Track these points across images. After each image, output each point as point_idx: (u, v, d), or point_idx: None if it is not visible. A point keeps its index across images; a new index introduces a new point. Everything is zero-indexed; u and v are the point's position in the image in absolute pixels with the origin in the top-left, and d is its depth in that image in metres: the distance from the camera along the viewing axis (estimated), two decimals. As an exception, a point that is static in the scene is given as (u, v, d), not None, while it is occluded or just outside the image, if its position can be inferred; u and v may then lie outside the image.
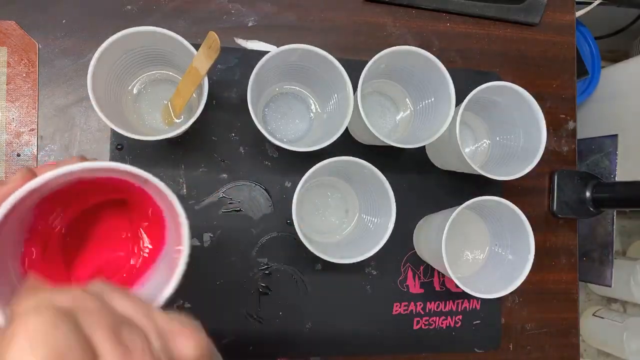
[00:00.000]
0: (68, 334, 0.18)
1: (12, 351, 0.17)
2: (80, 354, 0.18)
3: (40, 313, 0.18)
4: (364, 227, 0.49)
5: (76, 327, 0.18)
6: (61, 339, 0.17)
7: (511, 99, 0.48)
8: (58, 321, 0.18)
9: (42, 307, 0.18)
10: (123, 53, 0.42)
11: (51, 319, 0.18)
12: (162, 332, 0.21)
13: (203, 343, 0.21)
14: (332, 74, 0.44)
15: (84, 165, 0.25)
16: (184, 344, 0.20)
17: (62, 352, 0.17)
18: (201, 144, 0.49)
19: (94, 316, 0.19)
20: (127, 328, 0.20)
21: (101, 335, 0.19)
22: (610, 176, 0.80)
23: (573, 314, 0.57)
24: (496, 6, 0.56)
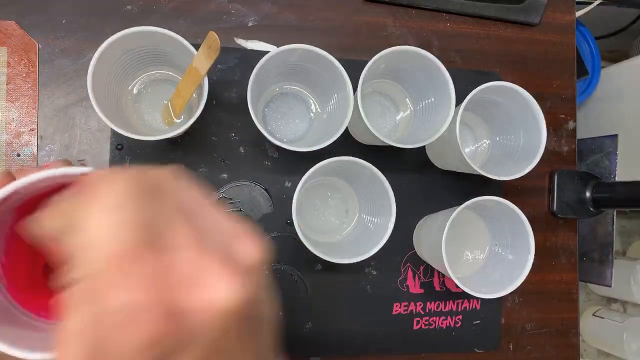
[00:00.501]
0: (146, 209, 0.18)
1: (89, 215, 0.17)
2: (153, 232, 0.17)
3: (124, 184, 0.18)
4: (364, 227, 0.49)
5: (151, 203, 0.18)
6: (138, 212, 0.17)
7: (511, 99, 0.48)
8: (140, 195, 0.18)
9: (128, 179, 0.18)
10: (123, 53, 0.42)
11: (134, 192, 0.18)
12: (229, 233, 0.20)
13: (263, 249, 0.20)
14: (332, 74, 0.44)
15: (64, 171, 0.25)
16: (248, 246, 0.20)
17: (137, 225, 0.17)
18: (201, 144, 0.49)
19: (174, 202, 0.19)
20: (198, 220, 0.19)
21: (176, 221, 0.18)
22: (610, 176, 0.80)
23: (573, 314, 0.57)
24: (496, 6, 0.56)
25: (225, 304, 0.17)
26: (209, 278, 0.17)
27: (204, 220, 0.20)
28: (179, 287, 0.17)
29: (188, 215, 0.19)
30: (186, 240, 0.18)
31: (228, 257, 0.18)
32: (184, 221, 0.19)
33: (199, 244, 0.18)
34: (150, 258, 0.17)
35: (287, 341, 0.52)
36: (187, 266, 0.17)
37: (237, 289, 0.17)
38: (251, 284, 0.18)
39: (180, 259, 0.17)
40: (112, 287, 0.16)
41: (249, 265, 0.19)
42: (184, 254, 0.17)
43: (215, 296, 0.17)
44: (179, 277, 0.17)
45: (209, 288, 0.17)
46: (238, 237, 0.20)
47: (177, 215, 0.19)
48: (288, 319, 0.50)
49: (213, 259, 0.18)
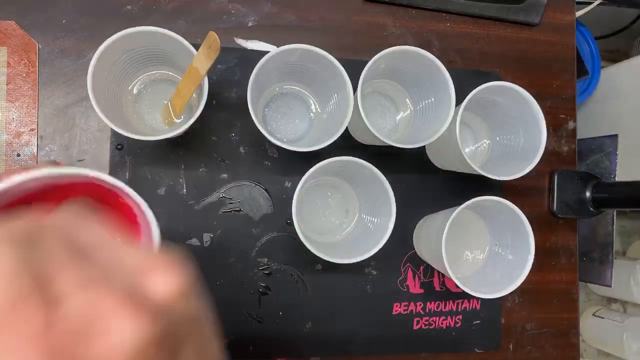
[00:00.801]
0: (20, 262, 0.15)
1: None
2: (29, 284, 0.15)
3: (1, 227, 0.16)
4: (364, 227, 0.49)
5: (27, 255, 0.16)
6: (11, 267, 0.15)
7: (511, 99, 0.48)
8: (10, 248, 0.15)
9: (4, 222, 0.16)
10: (123, 53, 0.42)
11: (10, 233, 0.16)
12: (134, 267, 0.18)
13: (182, 279, 0.18)
14: (332, 74, 0.44)
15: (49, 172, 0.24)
16: (157, 280, 0.17)
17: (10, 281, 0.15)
18: (201, 144, 0.49)
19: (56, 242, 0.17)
20: (92, 260, 0.17)
21: (60, 263, 0.16)
22: (610, 176, 0.80)
23: (573, 314, 0.57)
24: (496, 6, 0.56)
25: (131, 347, 0.15)
26: (109, 322, 0.15)
27: (103, 260, 0.18)
28: (75, 340, 0.15)
29: (81, 256, 0.17)
30: (75, 285, 0.16)
31: (130, 295, 0.16)
32: (73, 264, 0.16)
33: (93, 287, 0.16)
34: (35, 311, 0.15)
35: (287, 341, 0.52)
36: (80, 314, 0.15)
37: (144, 327, 0.15)
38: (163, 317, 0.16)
39: (71, 306, 0.15)
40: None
41: (162, 298, 0.17)
42: (75, 301, 0.15)
43: (118, 341, 0.15)
44: (73, 328, 0.15)
45: (110, 334, 0.15)
46: (148, 271, 0.18)
47: (64, 259, 0.16)
48: (288, 319, 0.50)
49: (111, 300, 0.16)
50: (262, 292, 0.50)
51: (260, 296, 0.50)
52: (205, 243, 0.48)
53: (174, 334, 0.17)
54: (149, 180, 0.47)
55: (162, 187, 0.48)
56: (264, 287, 0.50)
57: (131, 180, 0.47)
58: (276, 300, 0.50)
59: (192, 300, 0.19)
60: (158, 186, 0.48)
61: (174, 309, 0.17)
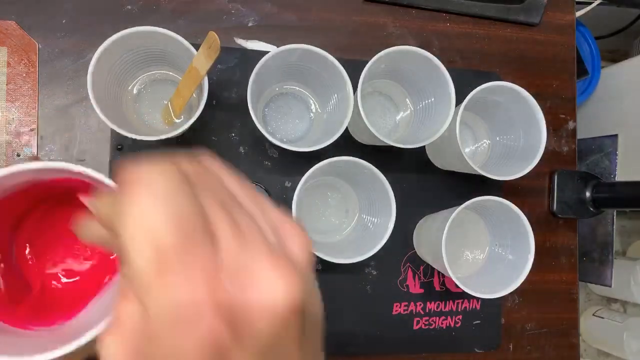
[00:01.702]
0: (191, 200, 0.16)
1: (135, 207, 0.16)
2: (201, 224, 0.16)
3: (166, 175, 0.17)
4: (364, 227, 0.49)
5: (195, 195, 0.17)
6: (185, 204, 0.16)
7: (511, 99, 0.48)
8: (183, 186, 0.17)
9: (168, 170, 0.17)
10: (123, 53, 0.42)
11: (173, 180, 0.17)
12: (274, 225, 0.19)
13: (311, 248, 0.19)
14: (332, 74, 0.44)
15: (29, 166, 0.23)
16: (296, 243, 0.18)
17: (185, 217, 0.16)
18: (201, 144, 0.49)
19: (212, 188, 0.18)
20: (244, 214, 0.18)
21: (219, 212, 0.17)
22: (610, 176, 0.80)
23: (573, 314, 0.57)
24: (496, 6, 0.56)
25: (282, 304, 0.16)
26: (263, 275, 0.16)
27: (252, 209, 0.18)
28: (232, 284, 0.16)
29: (236, 203, 0.18)
30: (234, 232, 0.17)
31: (280, 253, 0.17)
32: (231, 209, 0.17)
33: (248, 236, 0.17)
34: (199, 253, 0.16)
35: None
36: (238, 261, 0.16)
37: (294, 288, 0.16)
38: (305, 281, 0.17)
39: (231, 253, 0.16)
40: (161, 286, 0.15)
41: (300, 261, 0.18)
42: (234, 248, 0.16)
43: (272, 296, 0.16)
44: (231, 273, 0.16)
45: (265, 286, 0.16)
46: (287, 230, 0.19)
47: (225, 203, 0.17)
48: (288, 319, 0.50)
49: (265, 254, 0.17)
50: (262, 292, 0.49)
51: (260, 296, 0.49)
52: (205, 243, 0.48)
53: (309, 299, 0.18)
54: (149, 180, 0.47)
55: (162, 187, 0.47)
56: (264, 287, 0.50)
57: (131, 180, 0.47)
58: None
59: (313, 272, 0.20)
60: (158, 186, 0.47)
61: (309, 273, 0.18)
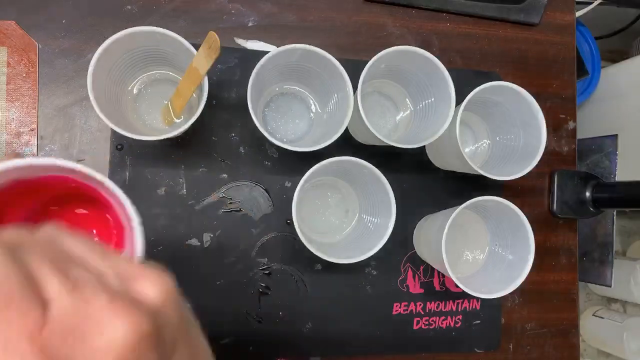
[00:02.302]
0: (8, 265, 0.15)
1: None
2: (22, 286, 0.15)
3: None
4: (364, 227, 0.49)
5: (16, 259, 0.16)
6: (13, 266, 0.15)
7: (511, 99, 0.48)
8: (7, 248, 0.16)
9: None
10: (123, 53, 0.42)
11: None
12: (123, 274, 0.18)
13: (167, 287, 0.19)
14: (332, 74, 0.44)
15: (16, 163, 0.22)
16: (146, 286, 0.18)
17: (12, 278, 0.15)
18: (201, 144, 0.49)
19: (41, 251, 0.17)
20: (78, 267, 0.17)
21: (48, 269, 0.16)
22: (610, 176, 0.80)
23: (573, 314, 0.57)
24: (496, 6, 0.56)
25: (122, 341, 0.16)
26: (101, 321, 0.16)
27: (92, 266, 0.18)
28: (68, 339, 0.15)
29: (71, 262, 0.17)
30: (66, 288, 0.16)
31: (121, 296, 0.17)
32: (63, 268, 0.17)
33: (83, 289, 0.16)
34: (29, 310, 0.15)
35: (287, 341, 0.52)
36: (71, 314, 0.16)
37: (137, 324, 0.16)
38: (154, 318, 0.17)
39: (62, 307, 0.16)
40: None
41: (152, 301, 0.18)
42: (66, 302, 0.16)
43: (111, 338, 0.15)
44: (65, 328, 0.15)
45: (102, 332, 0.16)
46: (136, 277, 0.18)
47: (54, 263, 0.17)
48: (288, 319, 0.50)
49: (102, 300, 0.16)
50: (262, 292, 0.50)
51: (260, 296, 0.50)
52: (205, 243, 0.48)
53: (165, 336, 0.18)
54: (149, 181, 0.47)
55: (162, 187, 0.48)
56: (264, 287, 0.50)
57: (131, 181, 0.47)
58: (276, 300, 0.50)
59: (179, 306, 0.20)
60: (158, 186, 0.48)
61: (161, 312, 0.18)
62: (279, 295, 0.50)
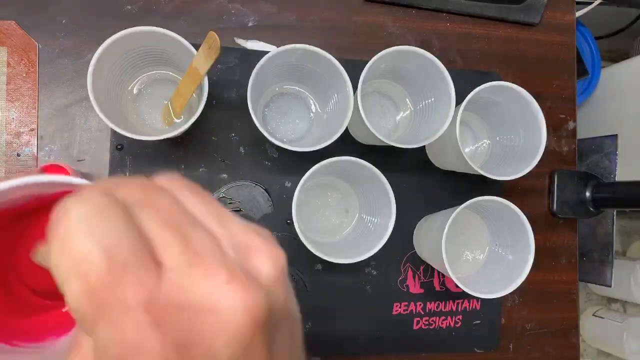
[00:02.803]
0: (124, 224, 0.15)
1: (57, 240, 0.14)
2: (138, 247, 0.15)
3: (86, 201, 0.15)
4: (364, 227, 0.49)
5: (131, 220, 0.15)
6: (115, 228, 0.14)
7: (511, 99, 0.48)
8: (113, 210, 0.15)
9: (95, 195, 0.15)
10: (123, 53, 0.42)
11: (98, 206, 0.15)
12: (239, 243, 0.17)
13: (282, 262, 0.18)
14: (332, 74, 0.44)
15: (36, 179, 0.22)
16: (262, 260, 0.17)
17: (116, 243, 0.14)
18: (201, 144, 0.49)
19: (160, 212, 0.16)
20: (198, 231, 0.16)
21: (168, 234, 0.15)
22: (610, 176, 0.80)
23: (573, 314, 0.57)
24: (496, 6, 0.56)
25: (239, 320, 0.15)
26: (218, 298, 0.15)
27: (211, 229, 0.17)
28: (182, 313, 0.14)
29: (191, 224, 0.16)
30: (186, 257, 0.15)
31: (237, 267, 0.16)
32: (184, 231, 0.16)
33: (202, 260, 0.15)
34: (135, 280, 0.14)
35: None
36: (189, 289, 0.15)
37: (253, 302, 0.15)
38: (269, 298, 0.16)
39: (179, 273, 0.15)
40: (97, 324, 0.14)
41: (265, 274, 0.17)
42: (183, 267, 0.15)
43: (227, 311, 0.15)
44: (180, 301, 0.15)
45: (219, 310, 0.15)
46: (253, 248, 0.17)
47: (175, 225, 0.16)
48: (288, 319, 0.50)
49: (220, 276, 0.15)
50: (262, 292, 0.50)
51: (260, 296, 0.49)
52: (205, 243, 0.48)
53: (276, 313, 0.17)
54: (149, 180, 0.47)
55: (162, 187, 0.48)
56: (264, 287, 0.50)
57: (131, 180, 0.47)
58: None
59: (288, 284, 0.19)
60: (158, 186, 0.47)
61: (275, 291, 0.17)
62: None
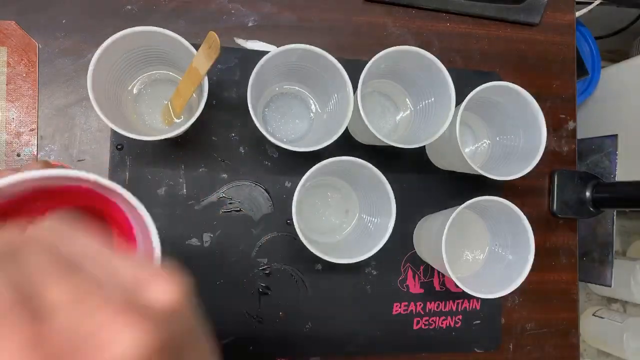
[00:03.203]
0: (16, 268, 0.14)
1: None
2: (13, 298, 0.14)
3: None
4: (364, 227, 0.49)
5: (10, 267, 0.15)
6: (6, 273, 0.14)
7: (511, 99, 0.48)
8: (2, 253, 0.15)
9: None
10: (123, 53, 0.42)
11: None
12: (130, 278, 0.17)
13: (180, 288, 0.17)
14: (332, 74, 0.44)
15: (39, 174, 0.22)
16: (153, 292, 0.16)
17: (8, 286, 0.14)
18: (201, 144, 0.49)
19: (41, 252, 0.16)
20: (83, 269, 0.16)
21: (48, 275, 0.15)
22: (610, 176, 0.80)
23: (573, 314, 0.57)
24: (496, 6, 0.56)
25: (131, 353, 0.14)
26: (107, 334, 0.14)
27: (96, 271, 0.16)
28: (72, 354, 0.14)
29: (71, 268, 0.16)
30: (67, 298, 0.15)
31: (128, 304, 0.15)
32: (63, 276, 0.15)
33: (86, 299, 0.15)
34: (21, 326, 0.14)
35: (287, 341, 0.52)
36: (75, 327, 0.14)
37: (146, 336, 0.14)
38: (164, 328, 0.15)
39: (64, 320, 0.14)
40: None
41: (161, 307, 0.16)
42: (68, 314, 0.14)
43: (119, 352, 0.14)
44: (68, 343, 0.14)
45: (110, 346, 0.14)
46: (144, 281, 0.17)
47: (53, 271, 0.15)
48: (288, 319, 0.50)
49: (108, 311, 0.15)
50: (262, 292, 0.50)
51: (260, 296, 0.50)
52: (205, 243, 0.48)
53: (176, 344, 0.16)
54: (149, 181, 0.47)
55: (162, 187, 0.48)
56: (264, 287, 0.50)
57: (131, 181, 0.47)
58: (276, 300, 0.50)
59: (190, 310, 0.18)
60: (158, 186, 0.48)
61: (174, 319, 0.17)
62: (279, 295, 0.50)
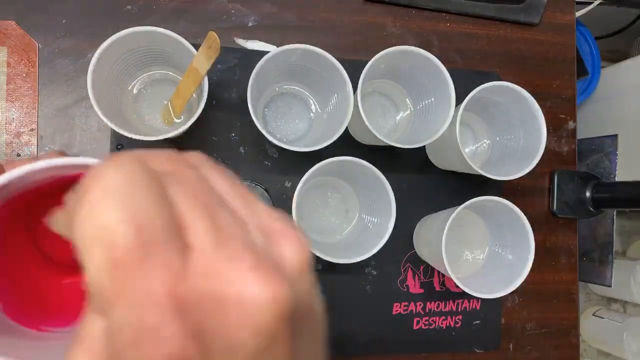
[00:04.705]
0: (156, 197, 0.14)
1: (85, 206, 0.14)
2: (167, 223, 0.14)
3: (121, 168, 0.14)
4: (364, 227, 0.49)
5: (164, 193, 0.15)
6: (146, 201, 0.14)
7: (511, 99, 0.48)
8: (146, 181, 0.14)
9: (128, 164, 0.14)
10: (123, 53, 0.42)
11: (133, 176, 0.14)
12: (264, 228, 0.16)
13: (306, 252, 0.17)
14: (332, 74, 0.44)
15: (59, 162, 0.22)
16: (286, 247, 0.16)
17: (145, 216, 0.13)
18: (201, 144, 0.49)
19: (189, 187, 0.15)
20: (224, 211, 0.16)
21: (195, 211, 0.15)
22: (610, 176, 0.80)
23: (573, 314, 0.57)
24: (496, 6, 0.56)
25: (263, 311, 0.14)
26: (243, 287, 0.14)
27: (238, 211, 0.16)
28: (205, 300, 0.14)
29: (218, 204, 0.16)
30: (211, 237, 0.14)
31: (263, 255, 0.15)
32: (211, 212, 0.15)
33: (228, 243, 0.15)
34: (161, 257, 0.13)
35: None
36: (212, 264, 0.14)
37: (278, 293, 0.14)
38: (294, 285, 0.15)
39: (204, 256, 0.14)
40: (118, 299, 0.13)
41: (291, 264, 0.16)
42: (209, 250, 0.14)
43: (252, 302, 0.14)
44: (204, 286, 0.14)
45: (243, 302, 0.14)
46: (277, 233, 0.16)
47: (203, 204, 0.15)
48: (288, 319, 0.50)
49: (246, 261, 0.14)
50: (262, 292, 0.49)
51: (260, 296, 0.49)
52: (205, 243, 0.48)
53: (298, 311, 0.16)
54: (149, 180, 0.47)
55: (162, 187, 0.48)
56: (264, 287, 0.50)
57: (131, 180, 0.47)
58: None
59: (312, 278, 0.18)
60: (158, 186, 0.47)
61: (301, 280, 0.16)
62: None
